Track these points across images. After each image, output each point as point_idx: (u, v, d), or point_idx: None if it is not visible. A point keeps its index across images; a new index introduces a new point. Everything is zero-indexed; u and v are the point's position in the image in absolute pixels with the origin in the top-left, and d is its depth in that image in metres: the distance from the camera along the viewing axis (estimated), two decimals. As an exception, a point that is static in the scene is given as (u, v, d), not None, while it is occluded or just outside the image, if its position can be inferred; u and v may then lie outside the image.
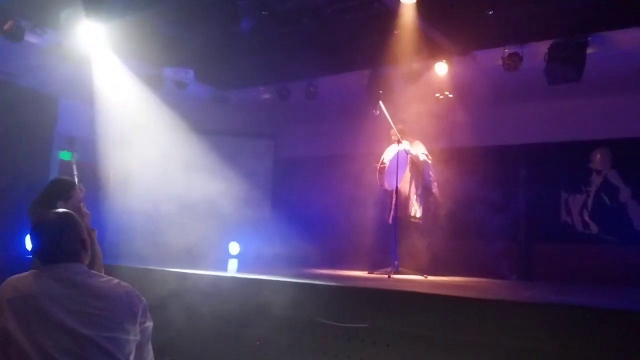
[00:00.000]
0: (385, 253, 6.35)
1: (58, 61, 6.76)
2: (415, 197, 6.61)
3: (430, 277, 5.96)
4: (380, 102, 6.20)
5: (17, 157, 7.13)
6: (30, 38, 6.39)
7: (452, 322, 3.87)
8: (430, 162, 6.66)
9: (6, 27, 6.09)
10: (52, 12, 6.10)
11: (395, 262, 5.97)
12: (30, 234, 2.37)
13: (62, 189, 4.07)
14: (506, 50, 6.69)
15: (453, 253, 7.05)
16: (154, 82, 7.92)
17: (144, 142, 7.50)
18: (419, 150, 6.65)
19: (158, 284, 4.67)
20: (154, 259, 5.50)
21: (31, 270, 2.33)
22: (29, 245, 3.80)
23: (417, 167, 6.64)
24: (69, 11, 6.05)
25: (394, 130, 6.28)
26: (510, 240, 7.78)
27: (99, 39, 6.65)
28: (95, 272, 2.38)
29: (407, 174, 6.62)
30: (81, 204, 4.14)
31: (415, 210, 6.55)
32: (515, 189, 7.89)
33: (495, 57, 6.75)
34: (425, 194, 6.64)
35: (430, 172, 6.69)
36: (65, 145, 7.82)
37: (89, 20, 6.28)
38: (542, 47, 6.49)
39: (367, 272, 6.24)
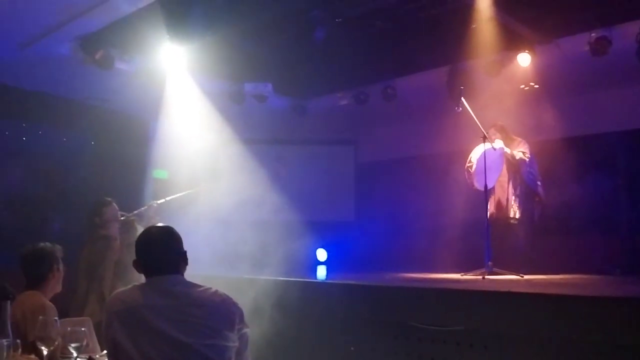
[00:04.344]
0: (477, 254, 6.16)
1: (146, 84, 7.12)
2: (514, 197, 6.41)
3: (526, 276, 5.73)
4: (463, 99, 6.04)
5: (113, 177, 7.55)
6: (119, 65, 6.75)
7: (552, 321, 3.70)
8: (527, 160, 6.41)
9: (97, 56, 6.51)
10: (138, 39, 6.43)
11: (489, 263, 5.79)
12: (135, 248, 2.52)
13: (95, 208, 5.31)
14: (593, 35, 6.35)
15: (549, 250, 6.75)
16: (236, 98, 8.17)
17: (227, 155, 7.84)
18: (517, 149, 6.45)
19: (257, 293, 4.78)
20: (248, 269, 5.68)
21: (135, 283, 2.47)
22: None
23: (514, 167, 6.44)
24: (154, 37, 6.34)
25: (480, 127, 6.10)
26: (611, 233, 7.36)
27: (181, 61, 6.95)
28: (194, 282, 2.49)
29: (505, 174, 6.45)
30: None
31: (514, 211, 6.37)
32: (612, 179, 7.46)
33: (581, 42, 6.40)
34: (526, 193, 6.41)
35: (532, 171, 6.45)
36: (158, 164, 8.25)
37: (172, 43, 6.57)
38: (632, 28, 6.11)
39: (459, 275, 6.10)
